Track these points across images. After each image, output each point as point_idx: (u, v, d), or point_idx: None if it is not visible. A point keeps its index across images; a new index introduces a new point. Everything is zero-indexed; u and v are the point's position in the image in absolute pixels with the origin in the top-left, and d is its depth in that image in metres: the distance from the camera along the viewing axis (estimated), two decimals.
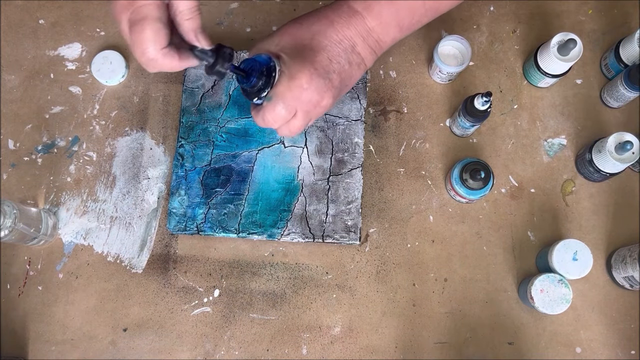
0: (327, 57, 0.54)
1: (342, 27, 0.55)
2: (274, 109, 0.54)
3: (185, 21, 0.51)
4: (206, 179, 0.74)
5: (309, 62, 0.53)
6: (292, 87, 0.53)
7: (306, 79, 0.53)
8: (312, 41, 0.54)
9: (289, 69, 0.53)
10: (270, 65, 0.54)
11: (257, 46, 0.57)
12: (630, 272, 0.68)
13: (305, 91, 0.53)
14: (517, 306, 0.73)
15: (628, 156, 0.69)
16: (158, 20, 0.49)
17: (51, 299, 0.73)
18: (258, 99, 0.55)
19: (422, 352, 0.71)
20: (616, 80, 0.74)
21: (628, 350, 0.71)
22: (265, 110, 0.55)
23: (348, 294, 0.73)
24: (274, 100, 0.54)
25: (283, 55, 0.54)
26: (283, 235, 0.72)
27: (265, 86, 0.54)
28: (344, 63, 0.55)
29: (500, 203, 0.76)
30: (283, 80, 0.53)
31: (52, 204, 0.76)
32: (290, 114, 0.55)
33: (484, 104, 0.68)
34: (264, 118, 0.55)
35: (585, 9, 0.82)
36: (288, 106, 0.54)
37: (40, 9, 0.83)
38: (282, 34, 0.56)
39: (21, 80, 0.80)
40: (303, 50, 0.54)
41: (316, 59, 0.54)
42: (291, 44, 0.55)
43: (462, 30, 0.81)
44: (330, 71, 0.54)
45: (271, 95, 0.54)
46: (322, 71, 0.54)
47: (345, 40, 0.55)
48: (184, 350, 0.72)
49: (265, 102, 0.55)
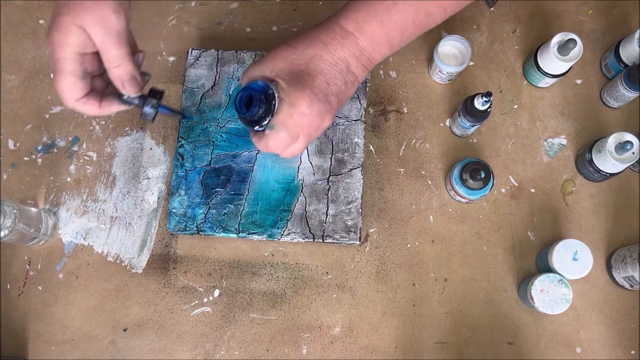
0: (324, 80, 0.54)
1: (336, 49, 0.55)
2: (277, 136, 0.55)
3: (112, 69, 0.52)
4: (206, 179, 0.74)
5: (308, 87, 0.54)
6: (293, 115, 0.54)
7: (307, 105, 0.53)
8: (308, 65, 0.54)
9: (289, 96, 0.54)
10: (269, 93, 0.54)
11: (250, 72, 0.57)
12: (630, 272, 0.68)
13: (306, 117, 0.54)
14: (517, 306, 0.73)
15: (628, 156, 0.69)
16: (71, 74, 0.51)
17: (51, 299, 0.73)
18: (259, 127, 0.56)
19: (422, 352, 0.72)
20: (616, 80, 0.74)
21: (628, 350, 0.71)
22: (269, 139, 0.56)
23: (348, 294, 0.73)
24: (277, 129, 0.55)
25: (280, 82, 0.54)
26: (283, 235, 0.72)
27: (266, 114, 0.54)
28: (341, 84, 0.56)
29: (500, 203, 0.76)
30: (284, 108, 0.54)
31: (52, 204, 0.76)
32: (293, 139, 0.55)
33: (484, 104, 0.68)
34: (268, 145, 0.56)
35: (585, 9, 0.82)
36: (291, 133, 0.55)
37: (40, 9, 0.83)
38: (276, 59, 0.55)
39: (21, 80, 0.80)
40: (300, 76, 0.54)
41: (314, 84, 0.54)
42: (287, 69, 0.55)
43: (462, 30, 0.81)
44: (328, 94, 0.55)
45: (274, 124, 0.55)
46: (321, 95, 0.54)
47: (341, 62, 0.55)
48: (184, 350, 0.72)
49: (268, 131, 0.55)
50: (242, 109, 0.55)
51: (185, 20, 0.83)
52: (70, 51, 0.51)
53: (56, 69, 0.51)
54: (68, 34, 0.50)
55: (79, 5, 0.50)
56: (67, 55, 0.51)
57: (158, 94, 0.57)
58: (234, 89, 0.77)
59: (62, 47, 0.50)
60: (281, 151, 0.57)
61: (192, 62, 0.78)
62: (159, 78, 0.80)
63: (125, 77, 0.53)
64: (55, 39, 0.50)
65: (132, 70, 0.53)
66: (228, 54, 0.78)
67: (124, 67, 0.52)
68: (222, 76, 0.77)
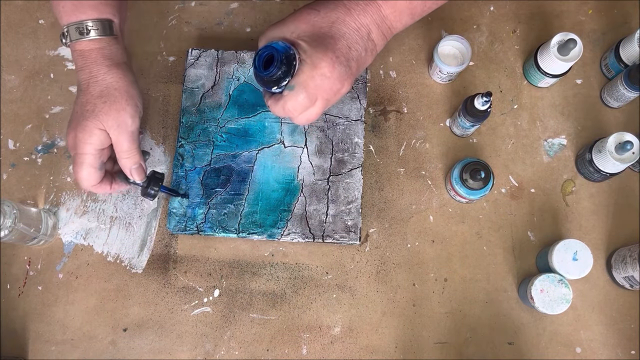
0: (346, 44, 0.54)
1: (359, 15, 0.55)
2: (296, 98, 0.54)
3: (123, 159, 0.64)
4: (206, 179, 0.74)
5: (331, 49, 0.53)
6: (315, 76, 0.53)
7: (329, 67, 0.53)
8: (331, 29, 0.54)
9: (310, 57, 0.53)
10: (291, 54, 0.53)
11: (270, 33, 0.57)
12: (630, 272, 0.68)
13: (327, 79, 0.54)
14: (517, 306, 0.73)
15: (628, 156, 0.69)
16: (90, 166, 0.62)
17: (51, 299, 0.73)
18: (277, 88, 0.55)
19: (422, 352, 0.71)
20: (616, 80, 0.74)
21: (628, 350, 0.71)
22: (287, 99, 0.55)
23: (348, 294, 0.73)
24: (297, 90, 0.54)
25: (302, 43, 0.54)
26: (283, 235, 0.72)
27: (286, 75, 0.54)
28: (361, 50, 0.56)
29: (500, 203, 0.76)
30: (305, 69, 0.53)
31: (52, 204, 0.76)
32: (311, 102, 0.55)
33: (484, 104, 0.68)
34: (285, 107, 0.55)
35: (585, 9, 0.82)
36: (310, 95, 0.54)
37: (40, 9, 0.83)
38: (298, 21, 0.55)
39: (21, 80, 0.80)
40: (323, 38, 0.54)
41: (337, 47, 0.54)
42: (309, 31, 0.55)
43: (462, 30, 0.81)
44: (350, 58, 0.55)
45: (293, 85, 0.54)
46: (342, 59, 0.54)
47: (363, 28, 0.55)
48: (184, 350, 0.72)
49: (287, 91, 0.55)
50: (261, 67, 0.54)
51: (185, 20, 0.83)
52: (91, 148, 0.61)
53: (77, 162, 0.62)
54: (92, 135, 0.61)
55: (103, 113, 0.61)
56: (88, 151, 0.61)
57: (160, 179, 0.68)
58: (234, 90, 0.77)
59: (85, 144, 0.61)
60: (298, 114, 0.56)
61: (192, 62, 0.78)
62: (159, 78, 0.80)
63: (134, 167, 0.65)
64: (79, 138, 0.61)
65: (139, 160, 0.65)
66: (228, 54, 0.78)
67: (132, 159, 0.64)
68: (222, 76, 0.77)
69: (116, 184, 0.67)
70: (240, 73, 0.77)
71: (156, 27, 0.82)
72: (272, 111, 0.57)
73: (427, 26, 0.82)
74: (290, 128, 0.76)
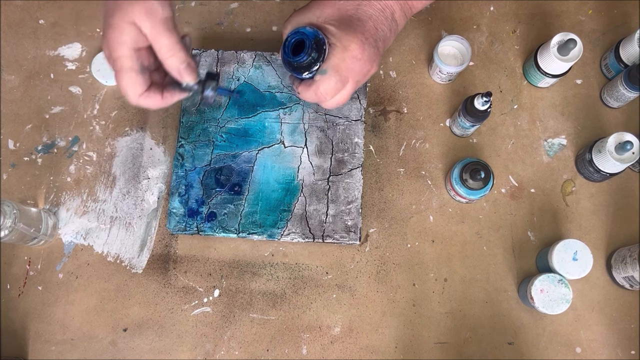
0: (373, 25, 0.55)
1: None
2: (329, 81, 0.55)
3: (167, 60, 0.53)
4: (206, 179, 0.74)
5: (359, 31, 0.54)
6: (346, 59, 0.54)
7: (359, 49, 0.54)
8: (357, 11, 0.55)
9: (340, 40, 0.54)
10: (320, 38, 0.54)
11: (295, 19, 0.57)
12: (630, 272, 0.68)
13: (359, 61, 0.54)
14: (517, 306, 0.73)
15: (628, 156, 0.69)
16: (130, 70, 0.52)
17: (51, 299, 0.73)
18: (309, 73, 0.55)
19: (422, 352, 0.72)
20: (616, 80, 0.74)
21: (628, 350, 0.71)
22: (320, 84, 0.55)
23: (348, 294, 0.73)
24: (330, 73, 0.54)
25: (330, 27, 0.54)
26: (283, 235, 0.72)
27: (317, 60, 0.54)
28: (386, 31, 0.56)
29: (500, 203, 0.76)
30: (336, 52, 0.54)
31: (52, 204, 0.76)
32: (344, 85, 0.55)
33: (484, 104, 0.68)
34: (317, 92, 0.56)
35: (585, 9, 0.82)
36: (343, 77, 0.55)
37: (40, 9, 0.83)
38: (323, 6, 0.56)
39: (21, 80, 0.80)
40: (350, 21, 0.54)
41: (365, 28, 0.54)
42: (335, 15, 0.55)
43: (462, 30, 0.81)
44: (377, 39, 0.55)
45: (325, 69, 0.54)
46: (371, 40, 0.54)
47: (387, 9, 0.56)
48: (184, 350, 0.72)
49: (319, 76, 0.55)
50: (290, 54, 0.54)
51: (185, 20, 0.83)
52: (126, 48, 0.52)
53: (116, 69, 0.53)
54: (121, 32, 0.51)
55: (126, 4, 0.51)
56: (124, 53, 0.52)
57: (216, 77, 0.57)
58: (234, 89, 0.77)
59: (118, 45, 0.52)
60: (330, 98, 0.56)
61: None
62: None
63: (181, 66, 0.54)
64: (110, 39, 0.52)
65: (185, 57, 0.54)
66: (228, 54, 0.78)
67: (177, 56, 0.53)
68: (222, 76, 0.77)
69: (168, 92, 0.57)
70: (240, 73, 0.77)
71: None
72: (303, 97, 0.57)
73: (427, 26, 0.82)
74: (290, 128, 0.76)
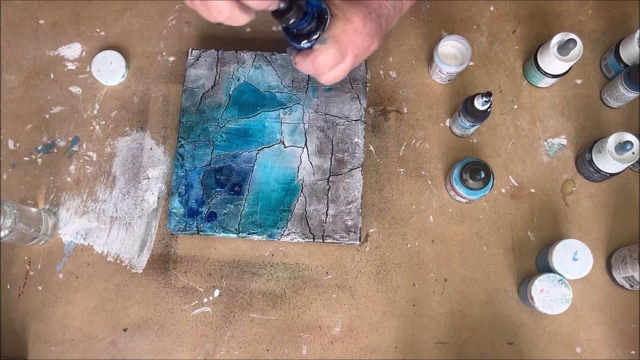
0: (378, 1, 0.54)
1: None
2: (327, 52, 0.53)
3: None
4: (206, 179, 0.74)
5: (363, 5, 0.53)
6: (347, 30, 0.53)
7: (361, 22, 0.53)
8: None
9: (343, 11, 0.53)
10: (322, 8, 0.53)
11: None
12: (630, 272, 0.68)
13: (359, 34, 0.53)
14: (517, 306, 0.73)
15: (628, 156, 0.69)
16: None
17: (51, 299, 0.73)
18: (307, 42, 0.54)
19: (422, 352, 0.71)
20: (616, 80, 0.74)
21: (628, 350, 0.71)
22: (318, 54, 0.54)
23: (348, 294, 0.73)
24: (329, 43, 0.53)
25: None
26: (283, 235, 0.72)
27: (317, 29, 0.53)
28: (391, 9, 0.56)
29: (500, 203, 0.76)
30: (338, 23, 0.53)
31: (52, 204, 0.76)
32: (342, 57, 0.54)
33: (484, 104, 0.68)
34: (315, 62, 0.54)
35: (585, 9, 0.82)
36: (342, 49, 0.54)
37: (40, 9, 0.83)
38: None
39: (21, 80, 0.80)
40: None
41: (369, 2, 0.54)
42: None
43: (462, 30, 0.81)
44: (380, 15, 0.54)
45: (325, 38, 0.53)
46: (374, 15, 0.54)
47: None
48: (184, 350, 0.72)
49: (317, 45, 0.54)
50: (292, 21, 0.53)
51: (185, 20, 0.83)
52: None
53: None
54: None
55: None
56: None
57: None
58: (234, 90, 0.77)
59: None
60: (327, 70, 0.55)
61: (192, 62, 0.78)
62: (159, 78, 0.80)
63: None
64: None
65: None
66: (228, 54, 0.78)
67: None
68: (222, 76, 0.77)
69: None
70: (240, 73, 0.77)
71: (156, 27, 0.82)
72: (300, 67, 0.56)
73: (427, 26, 0.82)
74: (290, 128, 0.76)
